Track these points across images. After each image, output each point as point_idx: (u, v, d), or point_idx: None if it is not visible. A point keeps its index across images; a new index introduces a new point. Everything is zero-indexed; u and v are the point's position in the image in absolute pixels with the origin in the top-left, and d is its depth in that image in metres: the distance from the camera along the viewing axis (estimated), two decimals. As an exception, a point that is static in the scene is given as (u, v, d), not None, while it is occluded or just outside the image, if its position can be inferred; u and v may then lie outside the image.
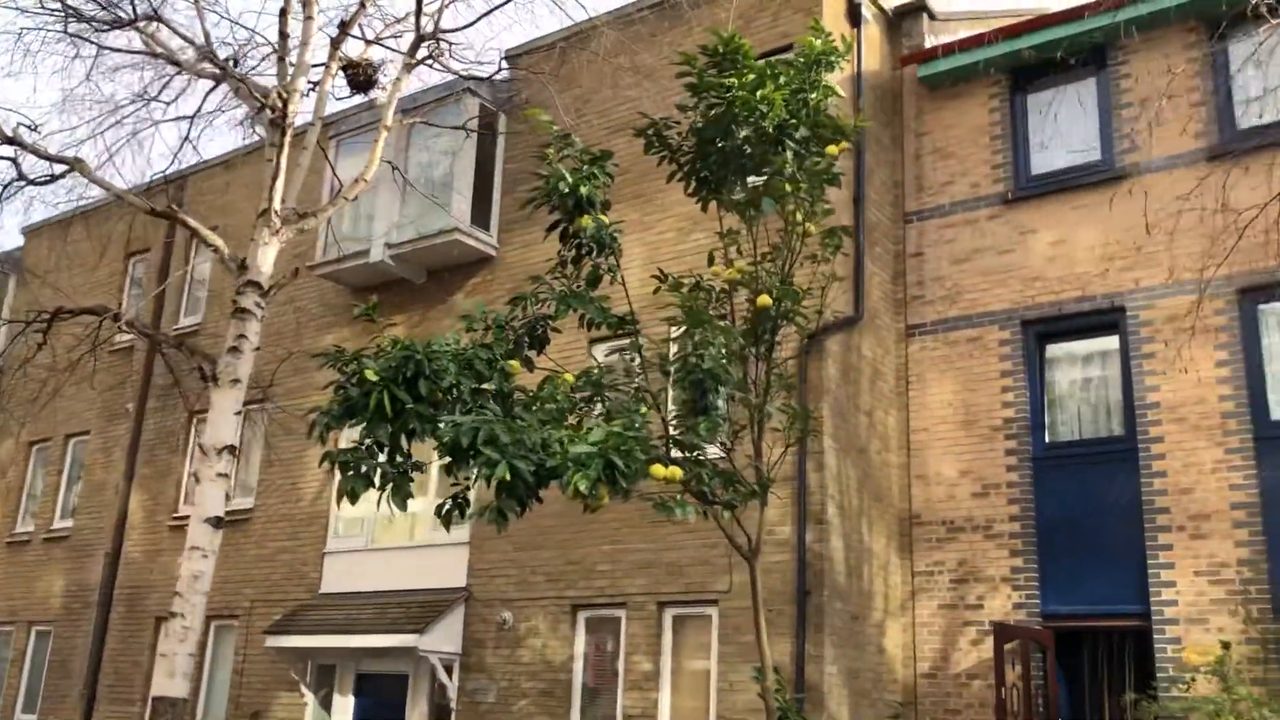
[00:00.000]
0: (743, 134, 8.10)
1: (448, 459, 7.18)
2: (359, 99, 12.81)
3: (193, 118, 11.22)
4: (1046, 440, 11.15)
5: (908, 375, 11.92)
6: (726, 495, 7.69)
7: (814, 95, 8.26)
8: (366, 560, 13.61)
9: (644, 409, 7.43)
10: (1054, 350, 11.42)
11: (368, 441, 7.50)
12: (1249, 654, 9.45)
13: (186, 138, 11.00)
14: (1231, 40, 11.13)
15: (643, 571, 11.26)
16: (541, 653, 11.68)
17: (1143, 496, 10.33)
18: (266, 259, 10.16)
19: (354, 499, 7.20)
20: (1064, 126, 11.81)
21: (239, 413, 9.96)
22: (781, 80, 8.12)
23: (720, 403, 7.24)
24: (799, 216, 8.23)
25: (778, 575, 10.44)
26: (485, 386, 7.64)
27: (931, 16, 13.13)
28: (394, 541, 13.55)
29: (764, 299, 8.16)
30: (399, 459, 7.34)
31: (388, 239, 13.83)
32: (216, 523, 9.59)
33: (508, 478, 6.64)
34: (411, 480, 7.44)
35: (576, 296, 7.74)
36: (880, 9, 12.97)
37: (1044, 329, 11.37)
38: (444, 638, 12.10)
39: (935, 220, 12.15)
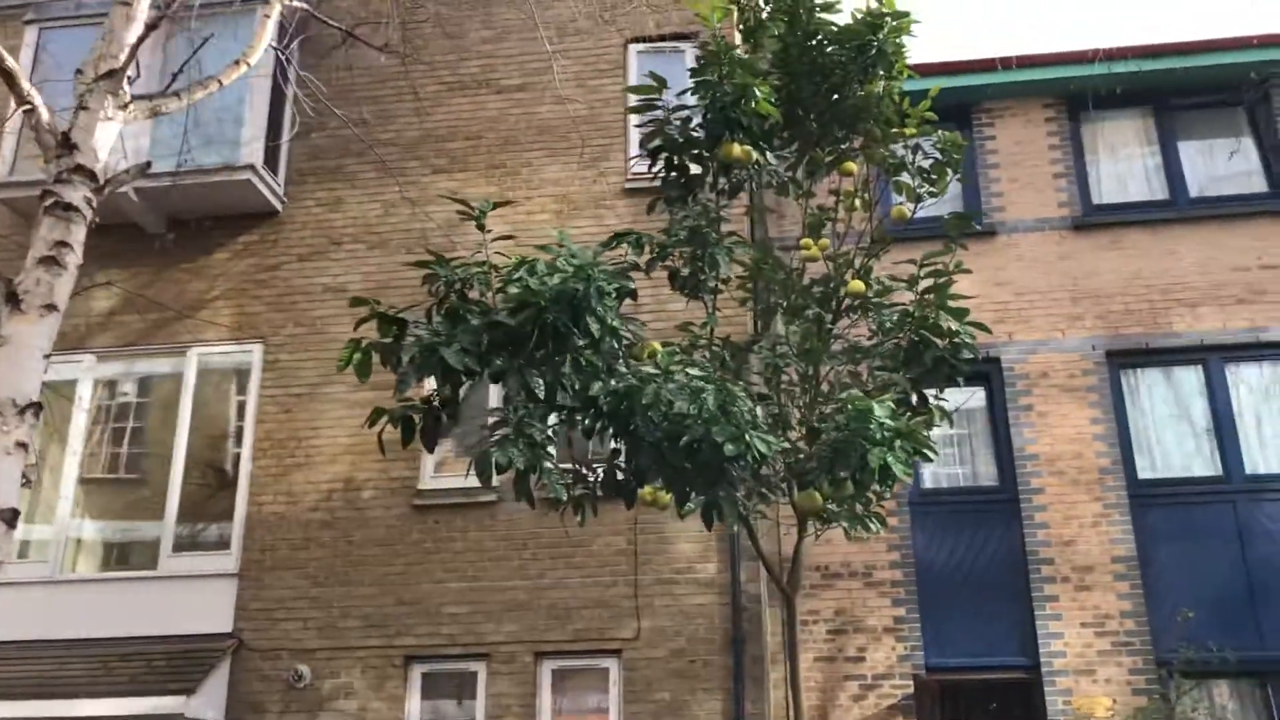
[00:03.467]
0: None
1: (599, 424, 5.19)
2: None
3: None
4: (922, 486, 10.82)
5: (773, 408, 11.06)
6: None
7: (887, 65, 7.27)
8: (54, 597, 9.80)
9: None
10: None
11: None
12: (1138, 704, 9.62)
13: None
14: (1083, 122, 11.92)
15: (513, 615, 9.14)
16: (359, 718, 9.01)
17: (1026, 547, 10.30)
18: (106, 139, 6.97)
19: (494, 475, 4.93)
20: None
21: (49, 355, 6.62)
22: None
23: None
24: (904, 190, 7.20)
25: (701, 621, 8.96)
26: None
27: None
28: (103, 571, 9.94)
29: (856, 284, 6.96)
30: (538, 423, 5.16)
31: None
32: (11, 518, 6.18)
33: (762, 451, 4.81)
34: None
35: (742, 244, 6.01)
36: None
37: (916, 373, 11.12)
38: (207, 701, 8.95)
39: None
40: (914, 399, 6.03)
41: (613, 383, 4.98)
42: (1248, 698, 9.75)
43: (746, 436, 4.71)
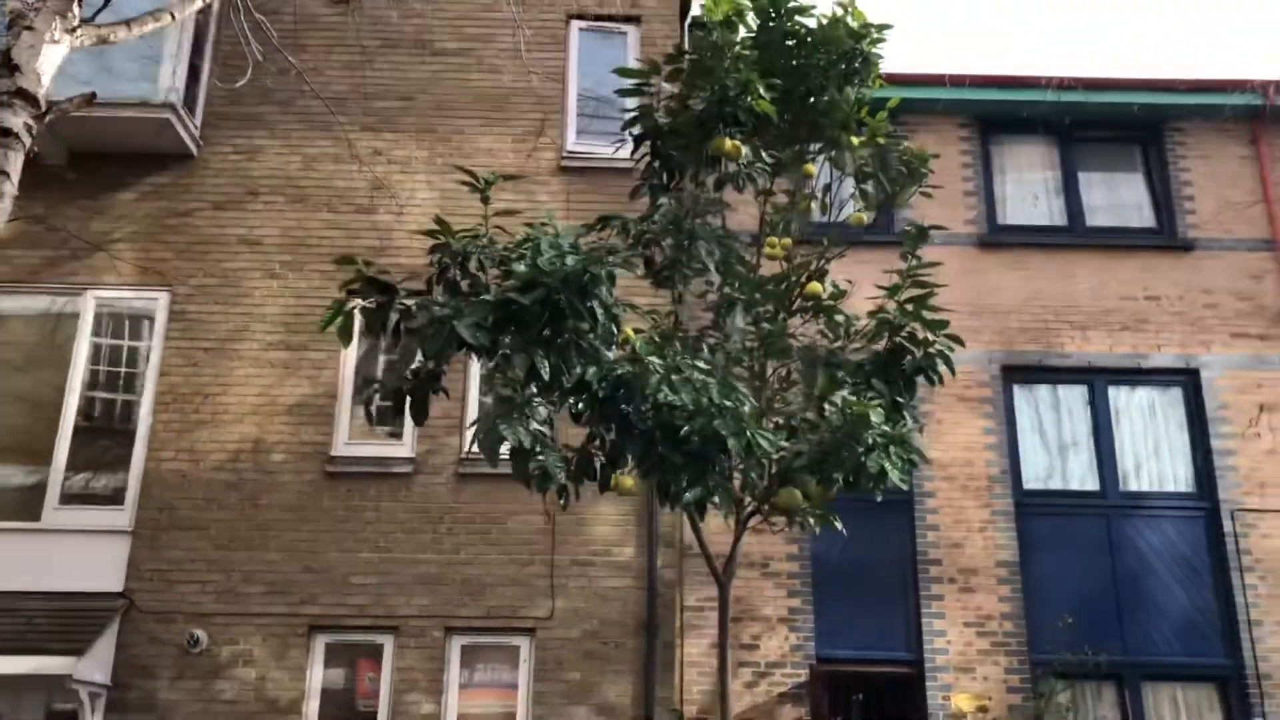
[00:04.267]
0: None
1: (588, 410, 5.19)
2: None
3: None
4: (821, 483, 11.13)
5: (684, 397, 11.20)
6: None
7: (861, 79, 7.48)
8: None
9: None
10: (832, 395, 11.50)
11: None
12: (1012, 702, 10.17)
13: None
14: (992, 145, 12.43)
15: (426, 588, 9.02)
16: (257, 687, 8.74)
17: (917, 548, 10.74)
18: (51, 62, 6.53)
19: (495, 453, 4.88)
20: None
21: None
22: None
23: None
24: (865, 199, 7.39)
25: (616, 603, 9.03)
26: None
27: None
28: (-23, 520, 9.33)
29: (814, 286, 7.14)
30: (544, 404, 5.13)
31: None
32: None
33: (764, 448, 4.89)
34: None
35: (728, 237, 6.05)
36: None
37: (824, 373, 11.42)
38: (94, 664, 8.52)
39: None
40: (889, 405, 6.22)
41: (610, 368, 4.97)
42: (1109, 698, 10.44)
43: (748, 432, 4.79)
